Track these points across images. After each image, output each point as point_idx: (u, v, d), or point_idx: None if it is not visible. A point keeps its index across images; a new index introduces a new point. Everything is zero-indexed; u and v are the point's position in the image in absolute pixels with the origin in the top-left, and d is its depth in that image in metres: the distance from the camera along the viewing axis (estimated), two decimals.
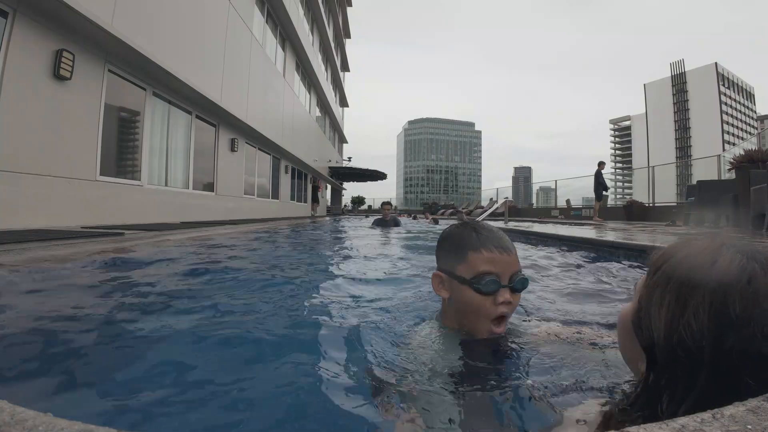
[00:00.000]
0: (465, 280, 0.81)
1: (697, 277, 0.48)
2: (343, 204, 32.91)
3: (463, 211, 20.28)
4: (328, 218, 16.28)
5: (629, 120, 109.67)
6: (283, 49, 12.44)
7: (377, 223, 7.20)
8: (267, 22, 10.71)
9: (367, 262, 3.01)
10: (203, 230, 4.84)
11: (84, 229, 3.76)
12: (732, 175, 6.49)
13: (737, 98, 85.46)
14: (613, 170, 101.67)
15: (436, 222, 11.50)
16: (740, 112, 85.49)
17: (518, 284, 0.85)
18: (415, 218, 14.43)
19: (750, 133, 78.95)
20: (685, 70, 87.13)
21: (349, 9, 26.98)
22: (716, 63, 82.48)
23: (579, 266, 2.79)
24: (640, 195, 14.48)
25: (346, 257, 3.40)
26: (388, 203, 7.56)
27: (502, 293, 0.81)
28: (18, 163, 3.68)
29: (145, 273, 2.28)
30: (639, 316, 0.53)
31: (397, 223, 7.30)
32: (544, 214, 17.06)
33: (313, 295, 1.78)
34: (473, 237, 0.84)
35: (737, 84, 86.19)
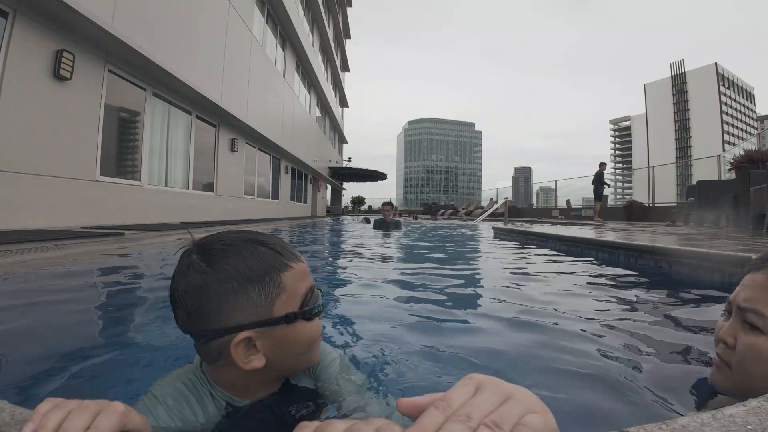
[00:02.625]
0: (294, 315, 0.56)
1: None
2: (343, 204, 32.90)
3: (463, 211, 20.27)
4: (328, 218, 16.27)
5: (629, 120, 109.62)
6: (283, 50, 12.44)
7: (378, 225, 6.97)
8: (267, 22, 10.71)
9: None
10: (204, 230, 4.84)
11: (84, 230, 3.76)
12: (732, 175, 6.49)
13: (737, 98, 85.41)
14: (613, 170, 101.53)
15: (415, 218, 11.41)
16: (740, 112, 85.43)
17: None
18: (415, 218, 14.42)
19: (750, 134, 78.93)
20: (685, 70, 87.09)
21: (349, 9, 26.97)
22: (716, 63, 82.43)
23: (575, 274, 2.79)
24: (640, 195, 14.47)
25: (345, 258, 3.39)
26: (389, 203, 6.96)
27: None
28: (18, 163, 3.68)
29: (145, 273, 2.28)
30: None
31: (398, 227, 7.03)
32: (544, 214, 17.05)
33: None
34: (267, 253, 0.56)
35: (737, 84, 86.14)
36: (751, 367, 0.59)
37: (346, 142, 31.50)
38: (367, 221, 10.79)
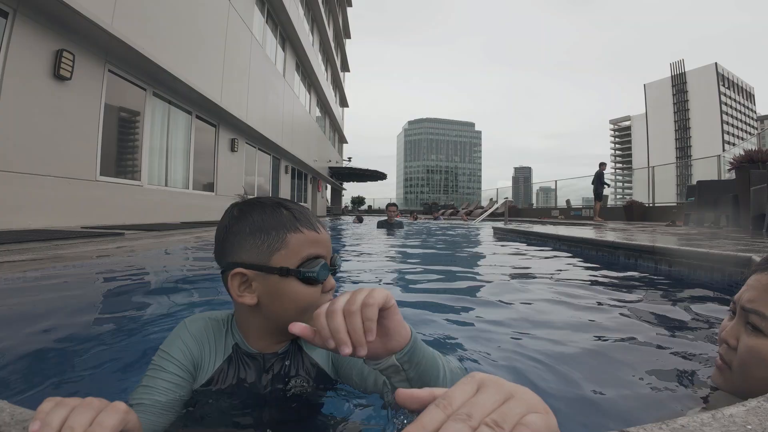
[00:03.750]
0: (288, 270, 0.62)
1: None
2: (343, 204, 32.92)
3: (463, 211, 20.27)
4: (328, 218, 16.27)
5: (629, 120, 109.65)
6: (283, 50, 12.44)
7: (381, 225, 7.19)
8: (267, 22, 10.71)
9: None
10: (204, 230, 4.84)
11: (84, 229, 3.76)
12: (732, 175, 6.49)
13: (737, 98, 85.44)
14: (613, 170, 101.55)
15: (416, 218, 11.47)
16: (740, 112, 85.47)
17: (339, 266, 0.72)
18: (416, 219, 14.42)
19: (750, 133, 78.97)
20: (685, 70, 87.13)
21: (349, 9, 26.98)
22: (716, 63, 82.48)
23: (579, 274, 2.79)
24: (640, 195, 14.48)
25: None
26: (394, 205, 7.30)
27: (329, 279, 0.66)
28: (18, 163, 3.68)
29: (145, 273, 2.28)
30: None
31: (401, 227, 7.27)
32: (544, 214, 17.05)
33: None
34: (285, 215, 0.64)
35: (737, 84, 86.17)
36: (752, 369, 0.59)
37: (346, 142, 31.52)
38: (360, 221, 10.79)
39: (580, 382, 0.90)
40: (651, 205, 12.23)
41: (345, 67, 27.90)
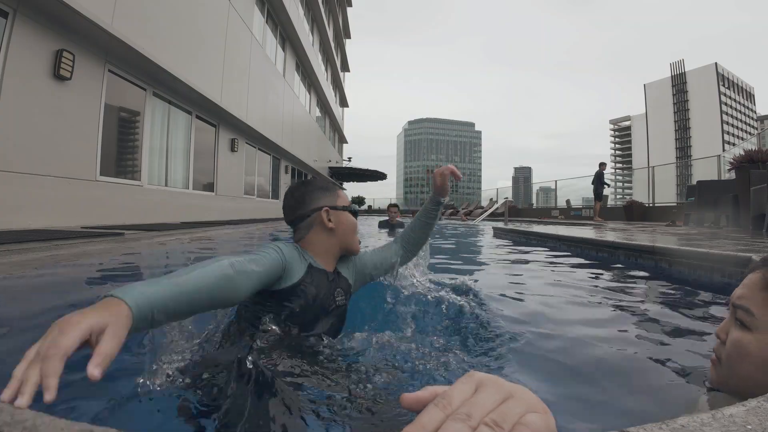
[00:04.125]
0: (346, 207, 1.11)
1: None
2: None
3: (463, 211, 20.27)
4: None
5: (629, 120, 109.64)
6: (283, 50, 12.44)
7: (383, 226, 7.24)
8: (267, 22, 10.71)
9: None
10: (204, 230, 4.84)
11: (84, 230, 3.76)
12: (732, 175, 6.49)
13: (737, 98, 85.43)
14: (613, 170, 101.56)
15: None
16: (740, 112, 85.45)
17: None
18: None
19: (750, 133, 78.95)
20: (685, 70, 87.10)
21: (349, 9, 26.97)
22: (716, 63, 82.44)
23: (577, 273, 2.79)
24: (640, 195, 14.48)
25: None
26: (395, 206, 7.44)
27: None
28: (18, 163, 3.68)
29: (145, 273, 2.28)
30: None
31: (401, 227, 7.34)
32: (544, 214, 17.05)
33: None
34: (327, 182, 1.15)
35: (737, 84, 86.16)
36: (736, 363, 0.61)
37: (346, 142, 31.51)
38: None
39: (580, 382, 0.90)
40: (651, 205, 12.23)
41: (345, 67, 27.89)
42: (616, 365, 1.00)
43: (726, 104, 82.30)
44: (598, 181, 10.88)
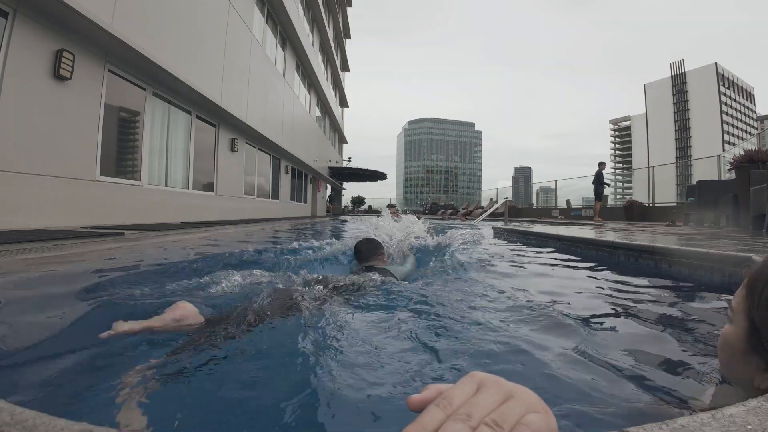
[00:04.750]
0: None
1: None
2: (343, 204, 32.90)
3: (462, 211, 20.26)
4: (328, 218, 16.26)
5: (629, 120, 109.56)
6: (283, 50, 12.44)
7: None
8: (267, 22, 10.71)
9: None
10: (204, 230, 4.83)
11: (84, 230, 3.76)
12: (732, 175, 6.48)
13: (737, 98, 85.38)
14: (613, 170, 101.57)
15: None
16: (740, 112, 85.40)
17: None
18: (418, 218, 14.44)
19: (750, 133, 78.93)
20: (685, 70, 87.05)
21: (349, 9, 26.97)
22: (716, 63, 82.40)
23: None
24: (640, 195, 14.47)
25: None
26: (394, 206, 7.50)
27: None
28: (18, 163, 3.68)
29: (145, 273, 2.28)
30: (756, 336, 0.57)
31: None
32: (544, 214, 17.04)
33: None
34: (377, 242, 1.65)
35: (737, 84, 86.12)
36: (719, 353, 0.67)
37: (346, 142, 31.50)
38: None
39: (580, 382, 0.90)
40: (651, 205, 12.23)
41: (345, 67, 27.89)
42: (617, 365, 1.00)
43: (726, 104, 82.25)
44: (598, 181, 10.89)
